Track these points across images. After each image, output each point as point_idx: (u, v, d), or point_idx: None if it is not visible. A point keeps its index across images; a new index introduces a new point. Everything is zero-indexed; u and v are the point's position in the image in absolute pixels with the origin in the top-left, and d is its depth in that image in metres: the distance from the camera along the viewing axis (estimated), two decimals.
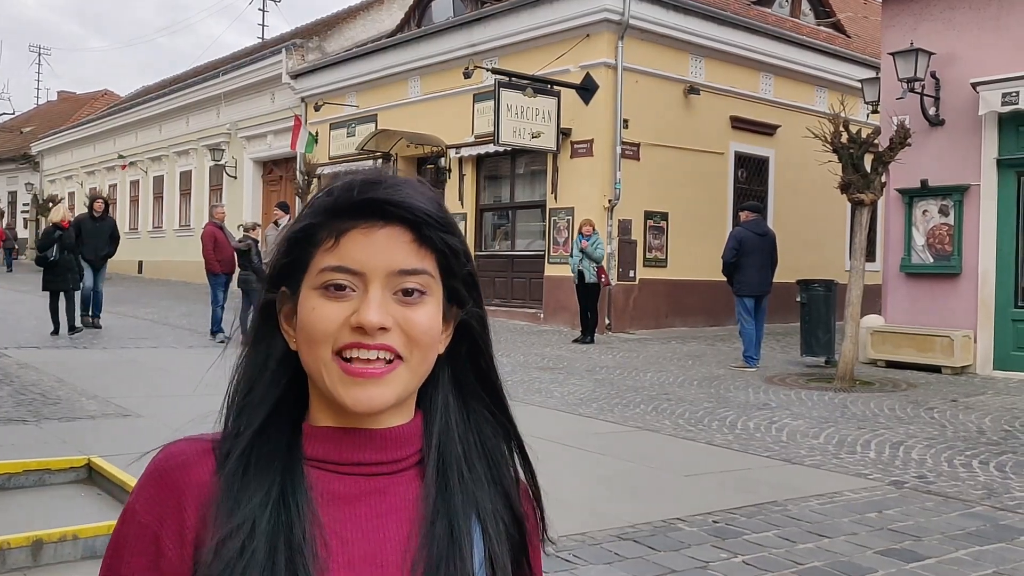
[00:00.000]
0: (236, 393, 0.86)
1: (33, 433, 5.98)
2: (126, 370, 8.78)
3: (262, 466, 0.81)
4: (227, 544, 0.77)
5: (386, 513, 0.84)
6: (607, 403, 8.04)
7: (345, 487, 0.83)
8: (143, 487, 0.82)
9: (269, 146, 22.89)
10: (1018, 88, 9.82)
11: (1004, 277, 10.32)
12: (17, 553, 3.24)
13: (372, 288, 0.81)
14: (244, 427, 0.83)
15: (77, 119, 36.77)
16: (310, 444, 0.84)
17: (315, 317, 0.81)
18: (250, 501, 0.79)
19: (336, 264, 0.81)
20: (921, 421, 7.41)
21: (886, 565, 3.88)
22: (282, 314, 0.86)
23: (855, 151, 9.38)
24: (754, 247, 10.47)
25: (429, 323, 0.83)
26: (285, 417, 0.84)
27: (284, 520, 0.79)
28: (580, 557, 3.90)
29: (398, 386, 0.82)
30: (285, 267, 0.85)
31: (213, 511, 0.79)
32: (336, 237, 0.81)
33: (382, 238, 0.81)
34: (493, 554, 0.85)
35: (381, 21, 23.55)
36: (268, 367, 0.85)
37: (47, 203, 31.89)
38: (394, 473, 0.85)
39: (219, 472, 0.81)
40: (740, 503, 4.84)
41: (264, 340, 0.87)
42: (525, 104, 13.96)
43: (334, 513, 0.82)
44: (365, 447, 0.84)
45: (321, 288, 0.81)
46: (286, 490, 0.80)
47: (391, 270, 0.81)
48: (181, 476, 0.81)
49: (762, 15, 17.15)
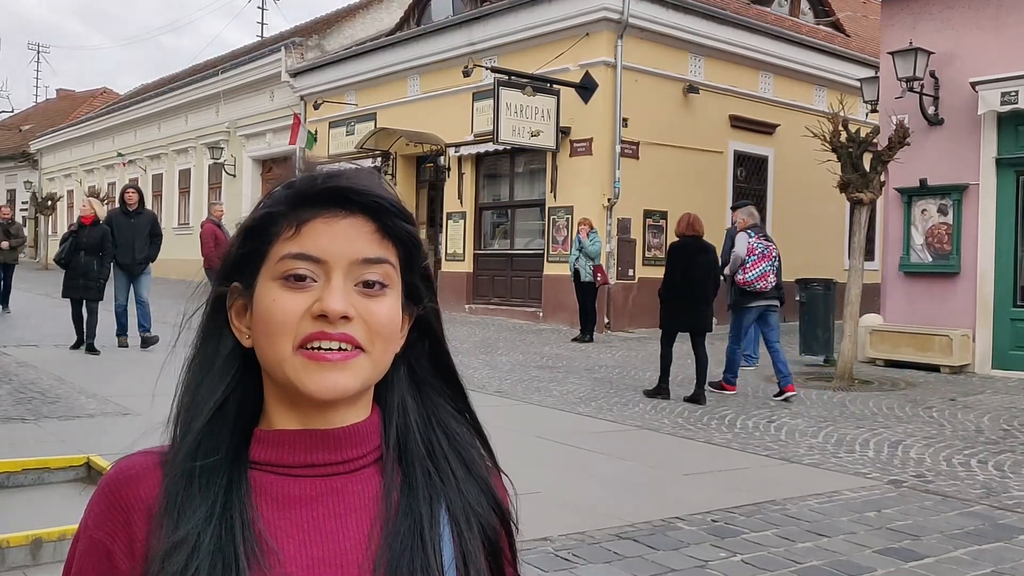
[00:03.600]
0: (184, 395, 0.84)
1: (32, 432, 5.98)
2: (125, 368, 8.77)
3: (206, 477, 0.79)
4: (170, 559, 0.76)
5: (344, 513, 0.82)
6: (606, 402, 8.04)
7: (299, 489, 0.82)
8: (94, 504, 0.82)
9: (268, 144, 22.89)
10: (1017, 87, 9.82)
11: (1003, 276, 10.33)
12: (16, 552, 3.24)
13: (335, 277, 0.80)
14: (190, 430, 0.82)
15: (76, 117, 36.74)
16: (260, 449, 0.83)
17: (275, 308, 0.79)
18: (194, 514, 0.78)
19: (298, 251, 0.80)
20: (920, 420, 7.41)
21: (885, 564, 3.89)
22: (232, 310, 0.84)
23: (854, 150, 9.38)
24: None
25: (390, 315, 0.82)
26: (231, 422, 0.83)
27: (227, 533, 0.77)
28: (579, 556, 3.90)
29: (360, 374, 0.81)
30: (241, 258, 0.83)
31: (158, 523, 0.78)
32: (297, 226, 0.80)
33: (344, 227, 0.80)
34: (465, 550, 0.84)
35: (380, 19, 23.54)
36: (215, 365, 0.84)
37: (46, 201, 31.90)
38: (351, 472, 0.84)
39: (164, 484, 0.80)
40: (739, 502, 4.84)
41: (212, 337, 0.85)
42: (524, 103, 13.96)
43: (288, 517, 0.81)
44: (318, 448, 0.83)
45: (281, 279, 0.80)
46: (231, 501, 0.79)
47: (354, 259, 0.80)
48: (129, 491, 0.80)
49: (761, 14, 17.15)
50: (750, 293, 8.35)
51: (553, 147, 14.52)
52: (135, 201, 10.55)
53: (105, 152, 31.26)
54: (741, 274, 8.30)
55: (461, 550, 0.84)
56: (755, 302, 8.43)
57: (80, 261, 9.87)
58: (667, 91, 15.04)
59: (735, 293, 8.56)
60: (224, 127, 24.55)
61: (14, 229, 14.93)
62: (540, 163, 15.42)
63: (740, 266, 8.31)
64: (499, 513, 0.89)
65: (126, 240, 10.23)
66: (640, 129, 14.50)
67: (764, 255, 8.27)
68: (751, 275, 8.24)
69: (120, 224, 10.31)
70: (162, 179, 28.23)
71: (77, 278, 9.90)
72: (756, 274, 8.24)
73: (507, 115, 13.75)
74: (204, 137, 25.41)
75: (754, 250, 8.28)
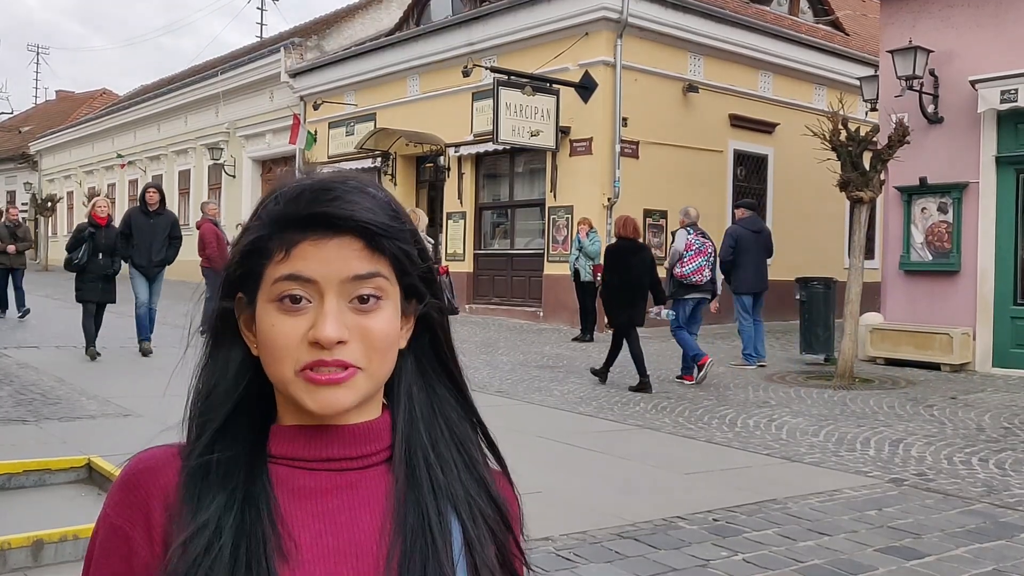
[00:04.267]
0: (197, 400, 0.86)
1: (33, 433, 5.98)
2: (126, 370, 8.76)
3: (225, 467, 0.82)
4: (192, 543, 0.78)
5: (358, 506, 0.84)
6: (607, 401, 8.04)
7: (315, 482, 0.84)
8: (113, 493, 0.84)
9: (268, 145, 22.89)
10: (1017, 85, 9.82)
11: (1003, 274, 10.32)
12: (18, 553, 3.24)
13: (328, 299, 0.81)
14: (206, 429, 0.84)
15: (75, 118, 36.76)
16: (276, 443, 0.85)
17: (274, 334, 0.81)
18: (214, 501, 0.80)
19: (288, 272, 0.81)
20: (920, 418, 7.41)
21: (886, 563, 3.89)
22: (241, 320, 0.86)
23: (854, 149, 9.38)
24: (750, 244, 10.49)
25: (387, 329, 0.83)
26: (247, 418, 0.85)
27: (248, 518, 0.80)
28: (580, 555, 3.90)
29: (359, 391, 0.83)
30: (239, 278, 0.85)
31: (178, 511, 0.80)
32: (287, 249, 0.81)
33: (333, 248, 0.81)
34: (470, 540, 0.86)
35: (380, 20, 23.55)
36: (228, 373, 0.86)
37: (46, 203, 31.88)
38: (364, 468, 0.86)
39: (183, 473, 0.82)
40: (740, 501, 4.84)
41: (223, 347, 0.87)
42: (524, 102, 13.96)
43: (304, 507, 0.83)
44: (333, 443, 0.85)
45: (277, 301, 0.81)
46: (250, 490, 0.81)
47: (344, 277, 0.81)
48: (148, 480, 0.83)
49: (761, 13, 17.15)
50: (686, 285, 9.06)
51: (553, 147, 14.52)
52: (156, 201, 10.04)
53: (105, 153, 31.26)
54: (679, 268, 9.02)
55: (467, 541, 0.86)
56: (691, 294, 9.14)
57: (99, 263, 9.44)
58: (667, 90, 15.05)
59: (673, 285, 9.18)
60: (224, 128, 24.55)
61: (21, 232, 14.34)
62: (540, 163, 15.43)
63: (678, 260, 9.03)
64: (498, 507, 0.90)
65: (143, 241, 9.75)
66: (640, 128, 14.50)
67: (700, 251, 9.01)
68: (687, 269, 8.98)
69: (139, 224, 9.83)
70: (161, 180, 28.21)
71: (96, 281, 9.44)
72: (692, 268, 8.97)
73: (507, 115, 13.75)
74: (204, 138, 25.41)
75: (691, 246, 9.00)
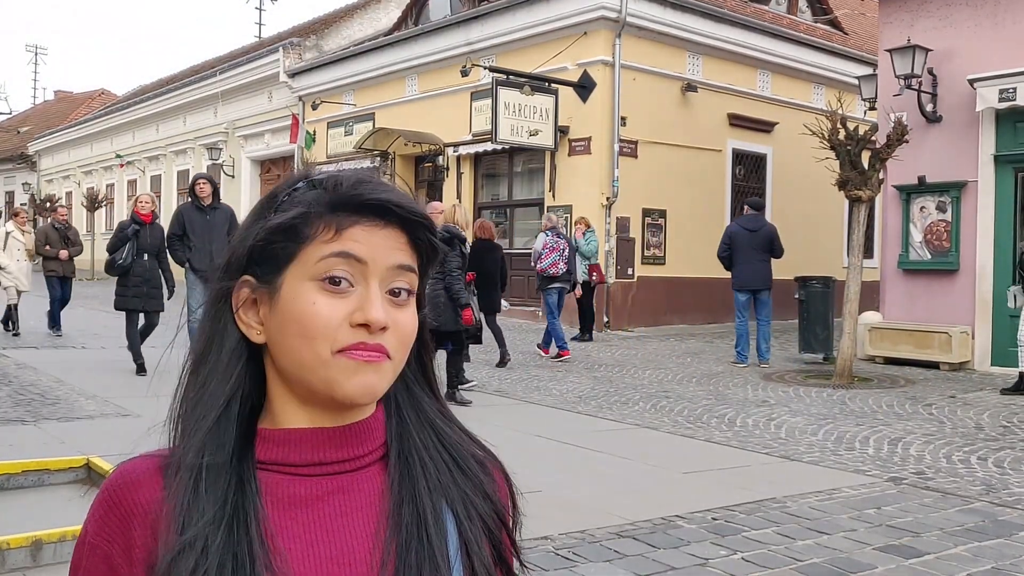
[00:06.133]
0: (188, 396, 0.84)
1: (32, 433, 5.98)
2: (125, 370, 8.76)
3: (212, 478, 0.79)
4: (179, 562, 0.76)
5: (352, 511, 0.83)
6: (606, 401, 8.05)
7: (306, 489, 0.82)
8: (94, 510, 0.82)
9: (267, 145, 22.88)
10: (1015, 84, 9.82)
11: (1002, 273, 10.32)
12: (17, 553, 3.24)
13: (372, 283, 0.81)
14: (196, 433, 0.81)
15: (74, 118, 36.69)
16: (265, 447, 0.83)
17: (314, 312, 0.79)
18: (202, 516, 0.77)
19: (340, 250, 0.80)
20: (919, 417, 7.42)
21: (885, 561, 3.89)
22: (241, 304, 0.83)
23: (853, 148, 9.38)
24: (745, 242, 10.50)
25: (413, 325, 0.85)
26: (235, 421, 0.82)
27: (238, 535, 0.77)
28: (580, 555, 3.90)
29: (387, 378, 0.82)
30: (262, 252, 0.82)
31: (164, 528, 0.78)
32: (338, 228, 0.81)
33: (383, 236, 0.82)
34: (467, 539, 0.85)
35: (378, 19, 23.54)
36: (220, 361, 0.83)
37: (45, 203, 31.85)
38: (357, 470, 0.85)
39: (167, 488, 0.79)
40: (739, 500, 4.84)
41: (217, 332, 0.84)
42: (523, 102, 13.96)
43: (295, 518, 0.81)
44: (327, 446, 0.83)
45: (319, 280, 0.80)
46: (240, 503, 0.79)
47: (390, 264, 0.82)
48: (129, 497, 0.80)
49: (759, 12, 17.15)
50: (547, 278, 11.13)
51: (551, 146, 14.51)
52: (208, 193, 8.69)
53: (103, 153, 31.24)
54: (539, 263, 11.14)
55: (463, 540, 0.85)
56: (552, 285, 11.14)
57: (144, 266, 8.45)
58: (665, 90, 15.05)
59: (539, 279, 11.33)
60: (222, 128, 24.54)
61: (72, 234, 12.25)
62: (539, 162, 15.43)
63: (537, 258, 11.16)
64: (493, 505, 0.90)
65: (202, 241, 8.46)
66: (638, 128, 14.50)
67: (554, 248, 11.08)
68: (545, 264, 11.09)
69: (194, 221, 8.58)
70: (160, 180, 28.21)
71: (140, 285, 8.44)
72: (548, 263, 11.06)
73: (505, 114, 13.75)
74: (202, 138, 25.39)
75: (547, 245, 11.10)
